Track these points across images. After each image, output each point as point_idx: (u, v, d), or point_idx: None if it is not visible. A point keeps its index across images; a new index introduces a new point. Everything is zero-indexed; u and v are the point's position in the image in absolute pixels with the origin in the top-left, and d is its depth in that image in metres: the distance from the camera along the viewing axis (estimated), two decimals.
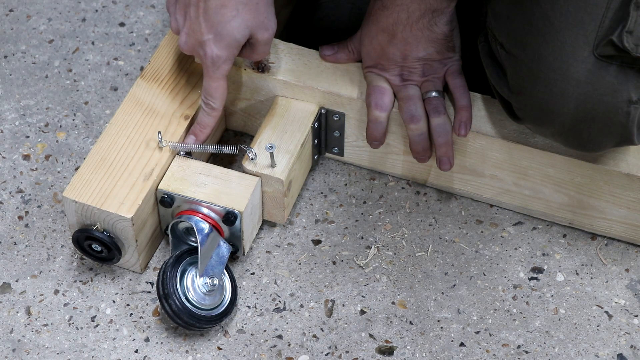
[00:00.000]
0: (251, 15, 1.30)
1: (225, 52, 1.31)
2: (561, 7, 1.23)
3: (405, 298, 1.39)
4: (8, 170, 1.51)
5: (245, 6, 1.29)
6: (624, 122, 1.26)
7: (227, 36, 1.30)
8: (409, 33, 1.34)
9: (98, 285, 1.39)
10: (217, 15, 1.29)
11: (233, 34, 1.30)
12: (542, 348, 1.35)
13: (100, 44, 1.66)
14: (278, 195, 1.39)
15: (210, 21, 1.29)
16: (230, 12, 1.29)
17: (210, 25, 1.29)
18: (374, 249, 1.44)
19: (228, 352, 1.34)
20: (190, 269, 1.33)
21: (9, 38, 1.67)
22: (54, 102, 1.58)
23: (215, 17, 1.29)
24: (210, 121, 1.38)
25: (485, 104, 1.40)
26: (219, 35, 1.30)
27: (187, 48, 1.33)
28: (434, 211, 1.48)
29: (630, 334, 1.36)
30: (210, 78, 1.34)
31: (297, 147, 1.40)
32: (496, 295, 1.40)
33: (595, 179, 1.38)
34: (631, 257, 1.43)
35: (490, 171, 1.43)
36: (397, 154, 1.46)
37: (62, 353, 1.34)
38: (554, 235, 1.46)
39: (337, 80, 1.43)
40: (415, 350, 1.35)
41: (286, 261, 1.42)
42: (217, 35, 1.30)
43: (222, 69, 1.33)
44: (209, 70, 1.33)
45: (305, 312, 1.38)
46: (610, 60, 1.22)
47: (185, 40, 1.33)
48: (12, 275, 1.40)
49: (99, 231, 1.33)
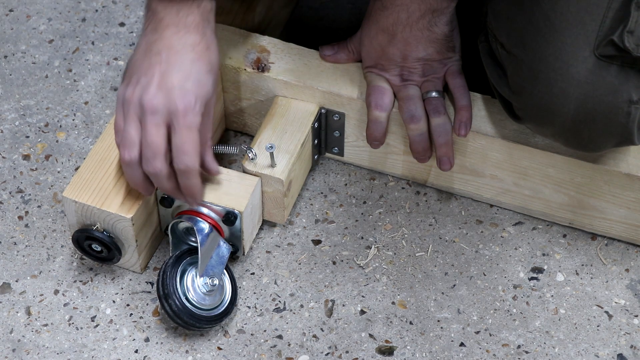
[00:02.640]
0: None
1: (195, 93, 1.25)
2: (562, 7, 1.23)
3: (405, 298, 1.39)
4: (8, 170, 1.51)
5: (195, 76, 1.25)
6: (625, 123, 1.26)
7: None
8: (409, 33, 1.34)
9: (98, 285, 1.39)
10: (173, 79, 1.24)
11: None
12: (542, 348, 1.35)
13: (100, 44, 1.66)
14: (278, 195, 1.39)
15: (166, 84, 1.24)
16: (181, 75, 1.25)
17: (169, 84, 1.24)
18: (374, 249, 1.44)
19: (228, 352, 1.34)
20: (190, 269, 1.33)
21: (9, 38, 1.67)
22: (54, 102, 1.58)
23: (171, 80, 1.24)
24: (198, 182, 1.29)
25: (485, 104, 1.40)
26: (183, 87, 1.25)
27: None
28: (434, 211, 1.48)
29: (630, 334, 1.36)
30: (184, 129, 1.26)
31: (297, 147, 1.40)
32: (496, 295, 1.40)
33: (596, 179, 1.38)
34: (631, 257, 1.43)
35: (490, 171, 1.43)
36: (397, 154, 1.46)
37: (62, 353, 1.34)
38: (554, 235, 1.46)
39: (337, 80, 1.43)
40: (415, 350, 1.35)
41: (286, 261, 1.42)
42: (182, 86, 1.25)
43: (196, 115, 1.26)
44: (179, 121, 1.25)
45: (305, 312, 1.38)
46: (610, 61, 1.22)
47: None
48: (12, 275, 1.40)
49: (99, 231, 1.33)
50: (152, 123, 1.23)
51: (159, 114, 1.23)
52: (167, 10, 1.24)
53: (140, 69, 1.25)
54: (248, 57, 1.45)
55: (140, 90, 1.24)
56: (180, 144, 1.24)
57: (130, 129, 1.25)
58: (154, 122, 1.23)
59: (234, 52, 1.46)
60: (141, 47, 1.27)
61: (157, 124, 1.23)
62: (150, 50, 1.25)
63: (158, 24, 1.25)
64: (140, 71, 1.25)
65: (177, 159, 1.25)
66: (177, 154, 1.25)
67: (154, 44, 1.25)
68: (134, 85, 1.25)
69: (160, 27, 1.25)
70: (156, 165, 1.25)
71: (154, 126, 1.23)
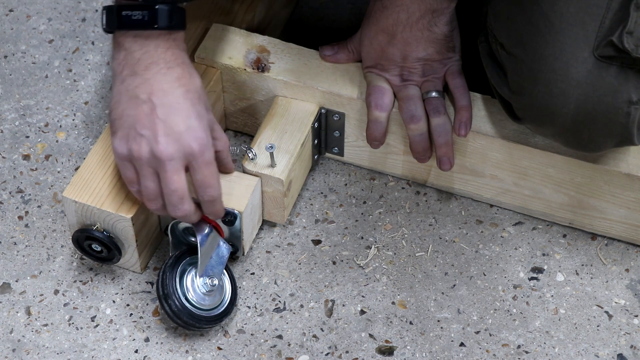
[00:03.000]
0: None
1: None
2: (561, 8, 1.23)
3: (405, 298, 1.39)
4: (8, 170, 1.51)
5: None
6: (624, 123, 1.26)
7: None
8: (409, 33, 1.34)
9: (98, 285, 1.39)
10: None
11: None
12: (542, 348, 1.35)
13: (100, 44, 1.66)
14: (278, 195, 1.39)
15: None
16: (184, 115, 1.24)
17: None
18: (374, 249, 1.44)
19: (228, 352, 1.34)
20: (190, 269, 1.33)
21: (9, 38, 1.67)
22: (54, 102, 1.58)
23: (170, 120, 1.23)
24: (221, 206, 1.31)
25: (485, 104, 1.40)
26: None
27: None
28: (434, 211, 1.48)
29: (630, 334, 1.36)
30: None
31: (297, 147, 1.40)
32: (496, 295, 1.40)
33: (595, 179, 1.38)
34: (631, 257, 1.43)
35: (490, 171, 1.43)
36: (397, 154, 1.46)
37: (62, 353, 1.34)
38: (554, 235, 1.46)
39: (337, 80, 1.43)
40: (415, 350, 1.35)
41: (286, 261, 1.42)
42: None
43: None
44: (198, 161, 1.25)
45: (305, 312, 1.38)
46: (610, 61, 1.22)
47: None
48: (12, 275, 1.40)
49: (99, 231, 1.33)
50: (171, 171, 1.22)
51: (175, 160, 1.22)
52: (144, 49, 1.22)
53: (135, 121, 1.22)
54: (248, 57, 1.45)
55: (147, 144, 1.22)
56: (203, 179, 1.24)
57: (148, 182, 1.24)
58: (174, 169, 1.22)
59: (234, 52, 1.46)
60: (122, 95, 1.23)
61: (176, 170, 1.23)
62: (137, 97, 1.22)
63: (136, 66, 1.22)
64: (137, 123, 1.22)
65: (203, 192, 1.26)
66: (201, 188, 1.25)
67: (138, 89, 1.22)
68: (136, 139, 1.22)
69: (139, 69, 1.22)
70: (184, 209, 1.25)
71: (174, 173, 1.23)
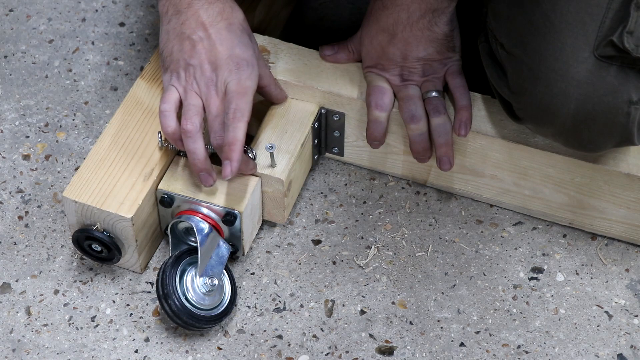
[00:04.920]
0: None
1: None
2: (562, 8, 1.23)
3: (405, 298, 1.39)
4: (8, 170, 1.51)
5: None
6: (624, 123, 1.26)
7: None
8: (409, 33, 1.34)
9: (98, 285, 1.39)
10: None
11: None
12: (542, 348, 1.35)
13: (100, 44, 1.66)
14: (278, 195, 1.39)
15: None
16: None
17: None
18: (374, 249, 1.44)
19: (228, 352, 1.34)
20: (190, 269, 1.33)
21: (9, 38, 1.67)
22: (54, 102, 1.58)
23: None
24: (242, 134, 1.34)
25: (485, 104, 1.40)
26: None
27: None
28: (434, 211, 1.48)
29: (630, 334, 1.36)
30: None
31: (297, 147, 1.40)
32: (496, 295, 1.40)
33: (596, 179, 1.38)
34: (631, 257, 1.43)
35: (490, 171, 1.43)
36: (397, 154, 1.46)
37: (62, 353, 1.34)
38: (554, 235, 1.46)
39: (337, 80, 1.43)
40: (415, 350, 1.35)
41: (286, 261, 1.42)
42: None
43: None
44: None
45: (305, 312, 1.38)
46: (610, 61, 1.22)
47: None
48: (12, 275, 1.40)
49: (99, 231, 1.33)
50: (211, 93, 1.30)
51: (220, 83, 1.30)
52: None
53: (182, 54, 1.31)
54: None
55: (194, 72, 1.30)
56: (237, 103, 1.29)
57: (192, 100, 1.30)
58: (215, 92, 1.30)
59: None
60: (170, 33, 1.32)
61: (217, 92, 1.30)
62: (183, 33, 1.30)
63: (179, 4, 1.30)
64: (186, 56, 1.30)
65: (232, 115, 1.29)
66: (232, 96, 1.30)
67: (184, 26, 1.30)
68: (187, 69, 1.30)
69: (182, 7, 1.30)
70: (217, 106, 1.30)
71: (216, 96, 1.30)
